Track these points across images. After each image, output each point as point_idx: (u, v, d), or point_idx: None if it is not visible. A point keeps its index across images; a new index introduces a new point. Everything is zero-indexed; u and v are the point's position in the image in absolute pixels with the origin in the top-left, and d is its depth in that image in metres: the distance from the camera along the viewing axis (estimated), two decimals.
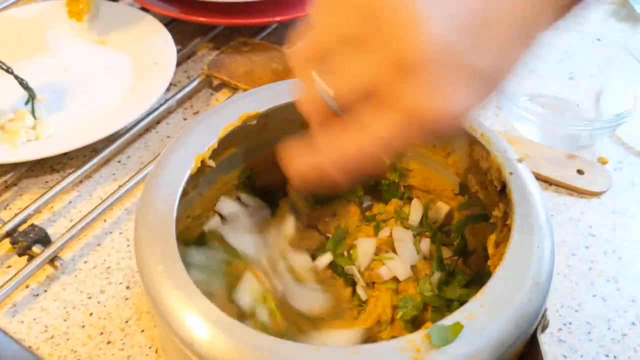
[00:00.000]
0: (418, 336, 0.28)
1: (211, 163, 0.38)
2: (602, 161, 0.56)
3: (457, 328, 0.28)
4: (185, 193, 0.35)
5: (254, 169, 0.44)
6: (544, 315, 0.31)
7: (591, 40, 0.61)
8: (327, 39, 0.28)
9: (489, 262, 0.35)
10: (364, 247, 0.41)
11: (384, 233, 0.42)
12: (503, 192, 0.36)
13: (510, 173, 0.35)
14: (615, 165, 0.56)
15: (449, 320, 0.29)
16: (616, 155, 0.57)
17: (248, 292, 0.38)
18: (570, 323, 0.44)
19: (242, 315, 0.36)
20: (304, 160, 0.29)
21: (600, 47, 0.61)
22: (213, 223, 0.42)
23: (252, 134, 0.40)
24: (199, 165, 0.37)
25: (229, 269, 0.39)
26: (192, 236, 0.42)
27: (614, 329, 0.44)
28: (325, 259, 0.41)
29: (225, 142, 0.39)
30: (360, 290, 0.40)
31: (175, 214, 0.33)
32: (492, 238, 0.36)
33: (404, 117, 0.26)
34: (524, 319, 0.29)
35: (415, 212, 0.43)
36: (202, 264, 0.37)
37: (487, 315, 0.29)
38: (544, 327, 0.31)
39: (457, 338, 0.28)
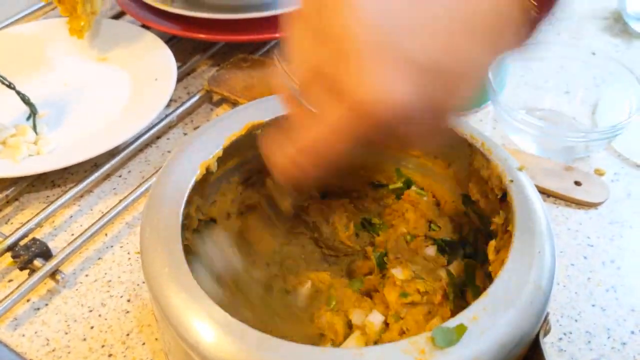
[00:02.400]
0: (422, 338, 0.28)
1: (215, 169, 0.38)
2: (599, 173, 0.57)
3: (461, 330, 0.28)
4: (188, 201, 0.35)
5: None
6: (546, 320, 0.31)
7: (586, 54, 0.62)
8: (292, 30, 0.28)
9: (489, 268, 0.35)
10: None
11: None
12: (504, 199, 0.36)
13: (511, 180, 0.36)
14: (612, 176, 0.57)
15: (452, 322, 0.29)
16: (613, 167, 0.58)
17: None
18: (571, 332, 0.45)
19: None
20: (280, 152, 0.30)
21: (596, 61, 0.62)
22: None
23: (255, 144, 0.40)
24: (204, 172, 0.37)
25: None
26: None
27: (613, 338, 0.44)
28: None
29: (230, 152, 0.39)
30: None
31: (181, 219, 0.33)
32: (493, 244, 0.36)
33: (348, 106, 0.26)
34: (526, 321, 0.30)
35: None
36: None
37: (490, 318, 0.29)
38: (547, 332, 0.31)
39: (461, 339, 0.28)
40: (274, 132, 0.30)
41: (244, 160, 0.42)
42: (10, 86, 0.58)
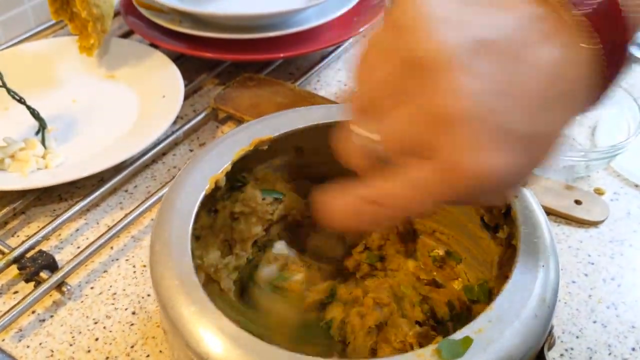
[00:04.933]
0: (428, 350, 0.28)
1: (223, 184, 0.39)
2: (599, 192, 0.58)
3: (467, 342, 0.29)
4: (197, 215, 0.36)
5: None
6: (550, 333, 0.31)
7: None
8: (370, 92, 0.28)
9: (491, 284, 0.36)
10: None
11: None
12: (507, 214, 0.37)
13: (515, 196, 0.37)
14: (611, 196, 0.58)
15: (458, 334, 0.29)
16: (612, 186, 0.59)
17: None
18: (572, 349, 0.45)
19: None
20: (344, 199, 0.29)
21: None
22: None
23: (263, 159, 0.41)
24: (214, 186, 0.38)
25: None
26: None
27: (614, 355, 0.45)
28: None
29: (237, 167, 0.40)
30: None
31: (191, 231, 0.34)
32: (496, 259, 0.37)
33: (441, 170, 0.26)
34: (531, 334, 0.30)
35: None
36: None
37: (495, 330, 0.29)
38: (551, 346, 0.31)
39: (467, 352, 0.28)
40: (329, 188, 0.30)
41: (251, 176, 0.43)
42: (20, 101, 0.59)
